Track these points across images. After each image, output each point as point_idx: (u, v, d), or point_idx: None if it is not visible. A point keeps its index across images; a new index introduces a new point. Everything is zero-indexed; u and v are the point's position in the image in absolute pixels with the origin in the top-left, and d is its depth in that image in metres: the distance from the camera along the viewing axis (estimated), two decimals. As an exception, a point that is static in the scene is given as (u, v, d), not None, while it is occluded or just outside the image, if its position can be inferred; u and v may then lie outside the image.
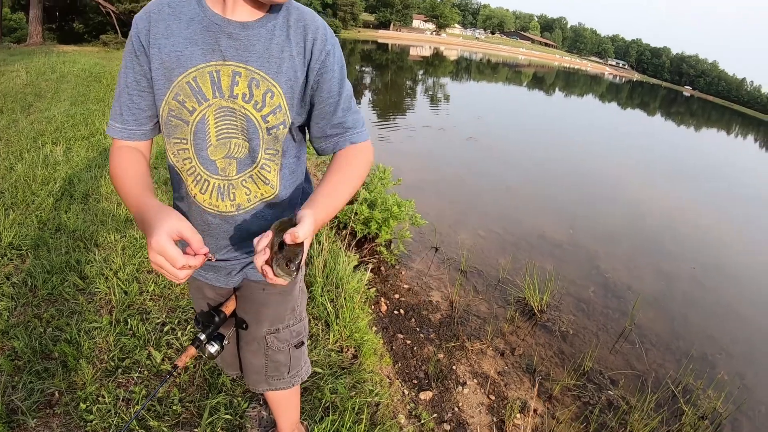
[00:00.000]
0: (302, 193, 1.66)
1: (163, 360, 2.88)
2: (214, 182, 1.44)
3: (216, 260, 1.42)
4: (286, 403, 2.17)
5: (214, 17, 1.30)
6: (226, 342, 1.66)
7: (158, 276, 3.72)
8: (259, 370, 1.87)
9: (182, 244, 1.21)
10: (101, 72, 13.37)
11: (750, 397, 5.23)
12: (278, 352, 1.84)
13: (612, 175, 14.63)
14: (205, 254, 1.21)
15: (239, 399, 2.72)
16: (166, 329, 3.16)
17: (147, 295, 3.48)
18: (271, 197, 1.53)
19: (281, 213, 1.58)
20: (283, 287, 1.72)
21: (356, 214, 5.29)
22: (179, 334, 3.14)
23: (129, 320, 3.15)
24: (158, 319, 3.24)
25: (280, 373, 1.90)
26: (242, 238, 1.57)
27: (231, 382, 2.81)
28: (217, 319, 1.63)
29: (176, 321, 3.24)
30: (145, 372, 2.80)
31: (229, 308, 1.70)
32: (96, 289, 3.44)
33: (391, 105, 21.12)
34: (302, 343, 1.92)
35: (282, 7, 1.35)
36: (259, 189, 1.50)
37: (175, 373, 1.89)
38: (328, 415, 2.75)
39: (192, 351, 1.57)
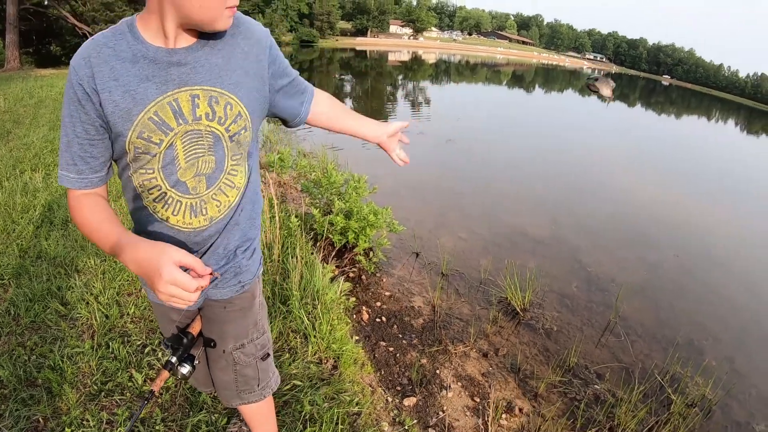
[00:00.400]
0: (256, 182, 1.75)
1: (144, 381, 2.94)
2: (186, 201, 1.49)
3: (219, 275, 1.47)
4: (260, 416, 2.22)
5: (158, 51, 1.34)
6: (196, 362, 1.72)
7: (138, 298, 3.78)
8: (230, 385, 1.94)
9: None
10: None
11: (740, 381, 5.29)
12: (246, 366, 1.91)
13: (594, 168, 14.79)
14: (210, 274, 1.30)
15: (219, 416, 2.77)
16: (146, 350, 3.22)
17: (128, 318, 3.53)
18: (239, 200, 1.62)
19: (249, 209, 1.69)
20: (243, 303, 1.81)
21: (332, 224, 5.34)
22: (160, 355, 3.20)
23: (110, 343, 3.21)
24: (139, 341, 3.30)
25: (250, 387, 1.96)
26: (213, 250, 1.63)
27: (212, 400, 2.87)
28: (185, 340, 1.69)
29: (156, 342, 3.30)
30: (128, 394, 2.85)
31: (195, 329, 1.76)
32: (78, 315, 3.50)
33: (371, 111, 21.13)
34: (268, 354, 2.00)
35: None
36: (228, 197, 1.57)
37: (152, 400, 2.01)
38: (307, 427, 2.81)
39: (165, 374, 1.63)
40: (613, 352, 5.36)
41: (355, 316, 4.81)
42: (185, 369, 1.66)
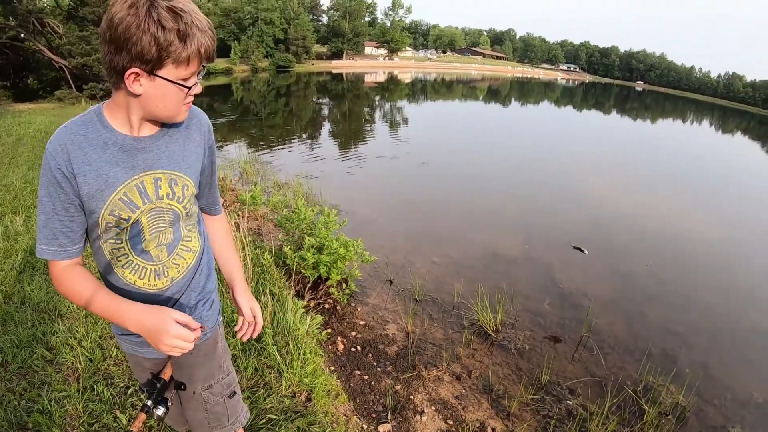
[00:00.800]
0: (206, 240, 2.02)
1: (128, 421, 3.13)
2: (151, 267, 1.75)
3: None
4: None
5: (125, 139, 1.56)
6: (170, 404, 1.94)
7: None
8: (203, 423, 2.16)
9: None
10: None
11: (715, 386, 5.50)
12: (215, 405, 2.14)
13: (567, 183, 14.99)
14: (201, 327, 1.63)
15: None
16: (129, 392, 3.41)
17: (110, 360, 3.72)
18: (196, 261, 1.89)
19: (204, 265, 1.96)
20: (207, 349, 2.06)
21: (304, 260, 5.52)
22: (142, 396, 3.37)
23: (95, 386, 3.40)
24: (122, 383, 3.49)
25: (221, 423, 2.19)
26: (177, 307, 1.87)
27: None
28: (158, 385, 1.93)
29: (138, 383, 3.47)
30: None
31: (167, 374, 1.99)
32: (63, 359, 3.68)
33: (346, 136, 21.43)
34: (234, 393, 2.23)
35: None
36: (185, 260, 1.84)
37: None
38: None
39: (142, 416, 1.85)
40: (585, 366, 5.55)
41: (330, 346, 5.00)
42: (160, 411, 1.89)
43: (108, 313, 1.60)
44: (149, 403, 1.86)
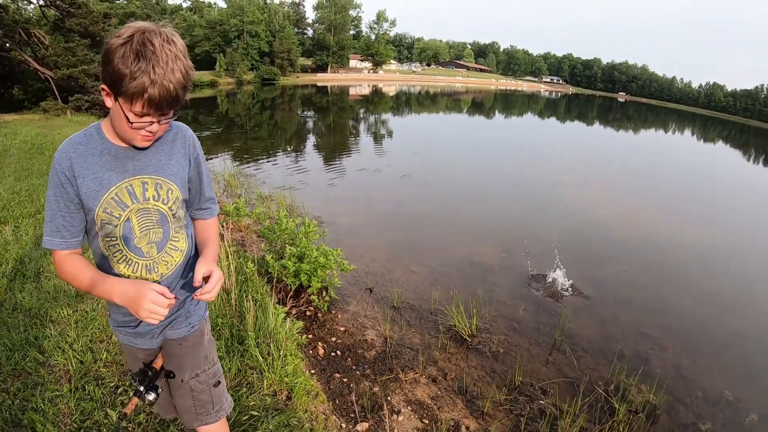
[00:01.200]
0: (194, 242, 2.28)
1: (119, 418, 3.31)
2: (142, 263, 2.01)
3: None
4: None
5: (118, 149, 1.86)
6: (160, 390, 2.19)
7: (109, 344, 4.15)
8: (190, 409, 2.40)
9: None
10: (43, 143, 13.52)
11: (687, 385, 5.75)
12: (202, 392, 2.38)
13: (546, 194, 15.31)
14: (175, 297, 1.84)
15: (185, 442, 3.17)
16: (119, 391, 3.62)
17: (101, 363, 3.92)
18: (183, 260, 2.14)
19: (192, 264, 2.19)
20: (194, 340, 2.31)
21: (286, 268, 5.74)
22: (131, 394, 3.56)
23: (86, 386, 3.60)
24: (112, 383, 3.69)
25: (206, 410, 2.42)
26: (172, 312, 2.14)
27: (179, 431, 3.26)
28: (150, 373, 2.18)
29: (128, 383, 3.69)
30: (104, 430, 3.23)
31: (158, 364, 2.24)
32: (55, 361, 3.87)
33: (329, 149, 21.71)
34: (219, 382, 2.47)
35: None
36: (174, 257, 2.09)
37: (124, 423, 2.47)
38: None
39: (135, 400, 2.12)
40: (558, 368, 5.79)
41: (311, 351, 5.22)
42: (151, 396, 2.13)
43: (101, 290, 1.87)
44: (141, 389, 2.11)
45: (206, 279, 1.90)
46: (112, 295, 1.84)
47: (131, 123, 1.70)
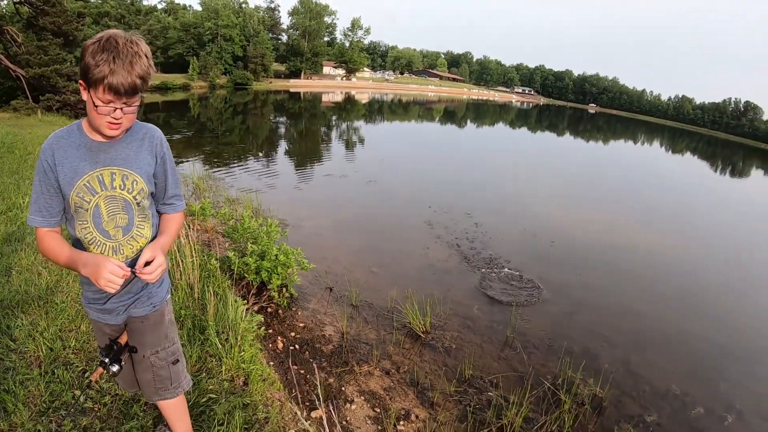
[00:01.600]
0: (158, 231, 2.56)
1: (85, 399, 3.58)
2: (110, 244, 2.32)
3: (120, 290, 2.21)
4: (175, 412, 2.96)
5: (92, 142, 2.18)
6: (123, 363, 2.48)
7: (78, 333, 4.39)
8: (150, 384, 2.69)
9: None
10: (13, 142, 13.31)
11: (635, 379, 6.12)
12: (161, 368, 2.67)
13: (506, 201, 15.78)
14: (131, 271, 2.14)
15: (148, 423, 3.44)
16: (86, 374, 3.85)
17: (69, 350, 4.15)
18: (147, 244, 2.40)
19: None
20: (156, 319, 2.60)
21: (247, 265, 6.02)
22: (96, 364, 3.81)
23: (56, 371, 3.83)
24: (80, 367, 3.93)
25: (165, 386, 2.72)
26: (129, 281, 2.38)
27: (142, 412, 3.54)
28: (115, 348, 2.46)
29: (94, 367, 3.91)
30: (72, 410, 3.48)
31: (123, 339, 2.54)
32: (26, 348, 4.08)
33: (299, 155, 22.00)
34: (178, 360, 2.76)
35: (133, 128, 2.29)
36: (138, 242, 2.39)
37: (89, 391, 2.77)
38: (218, 426, 3.51)
39: (100, 370, 2.40)
40: (509, 363, 6.12)
41: (270, 345, 5.50)
42: (115, 368, 2.42)
43: (71, 261, 2.17)
44: (107, 360, 2.40)
45: (149, 263, 2.19)
46: (79, 265, 2.13)
47: (97, 107, 2.01)
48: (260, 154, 20.59)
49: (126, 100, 2.03)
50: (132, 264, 2.29)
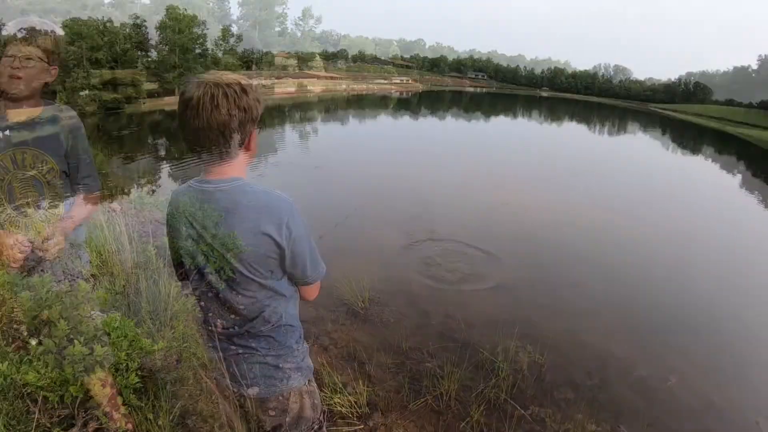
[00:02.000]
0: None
1: None
2: (23, 221, 2.43)
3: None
4: None
5: (8, 125, 2.36)
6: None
7: None
8: None
9: None
10: None
11: (577, 346, 6.34)
12: None
13: (456, 181, 16.27)
14: (29, 246, 2.29)
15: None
16: None
17: None
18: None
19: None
20: None
21: (183, 249, 6.12)
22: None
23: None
24: None
25: None
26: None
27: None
28: None
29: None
30: None
31: None
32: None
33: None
34: None
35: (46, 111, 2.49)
36: (50, 219, 2.52)
37: None
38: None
39: None
40: (449, 335, 6.29)
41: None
42: None
43: None
44: None
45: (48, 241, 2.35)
46: None
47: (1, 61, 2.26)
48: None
49: (25, 55, 2.34)
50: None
